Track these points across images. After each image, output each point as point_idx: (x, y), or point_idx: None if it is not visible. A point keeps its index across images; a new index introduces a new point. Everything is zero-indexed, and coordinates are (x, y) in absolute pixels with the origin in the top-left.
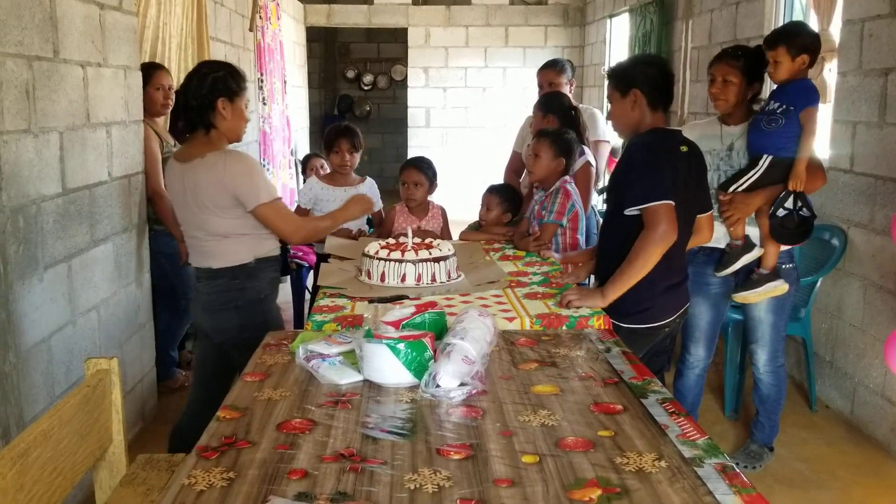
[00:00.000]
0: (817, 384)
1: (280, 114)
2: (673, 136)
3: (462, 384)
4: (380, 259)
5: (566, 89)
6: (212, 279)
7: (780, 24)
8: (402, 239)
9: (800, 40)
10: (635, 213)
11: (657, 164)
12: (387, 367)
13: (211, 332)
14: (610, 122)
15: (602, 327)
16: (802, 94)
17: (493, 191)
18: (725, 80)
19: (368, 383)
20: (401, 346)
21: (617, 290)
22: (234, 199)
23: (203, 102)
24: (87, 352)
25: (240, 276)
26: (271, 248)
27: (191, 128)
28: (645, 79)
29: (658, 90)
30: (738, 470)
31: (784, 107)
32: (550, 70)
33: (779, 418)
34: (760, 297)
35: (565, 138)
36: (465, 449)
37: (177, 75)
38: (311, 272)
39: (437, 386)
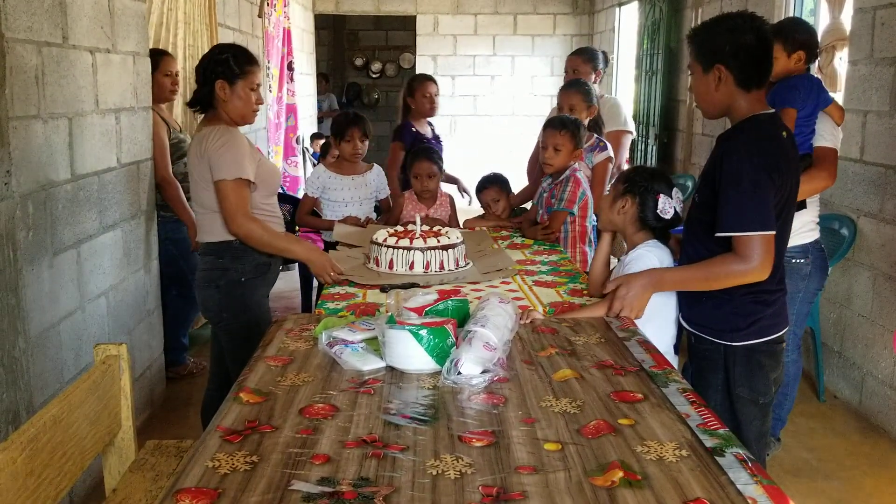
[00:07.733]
0: (826, 374)
1: (279, 101)
2: (774, 124)
3: (484, 371)
4: (388, 247)
5: (591, 78)
6: (203, 255)
7: (791, 13)
8: (410, 227)
9: (797, 37)
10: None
11: (759, 183)
12: (409, 353)
13: (201, 308)
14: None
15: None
16: (778, 94)
17: (491, 183)
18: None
19: (390, 369)
20: (423, 332)
21: (674, 287)
22: (210, 170)
23: (204, 83)
24: (95, 338)
25: (225, 256)
26: None
27: (191, 105)
28: (734, 50)
29: (753, 65)
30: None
31: None
32: (577, 56)
33: (786, 414)
34: None
35: (581, 129)
36: (487, 436)
37: (186, 62)
38: None
39: (459, 373)
